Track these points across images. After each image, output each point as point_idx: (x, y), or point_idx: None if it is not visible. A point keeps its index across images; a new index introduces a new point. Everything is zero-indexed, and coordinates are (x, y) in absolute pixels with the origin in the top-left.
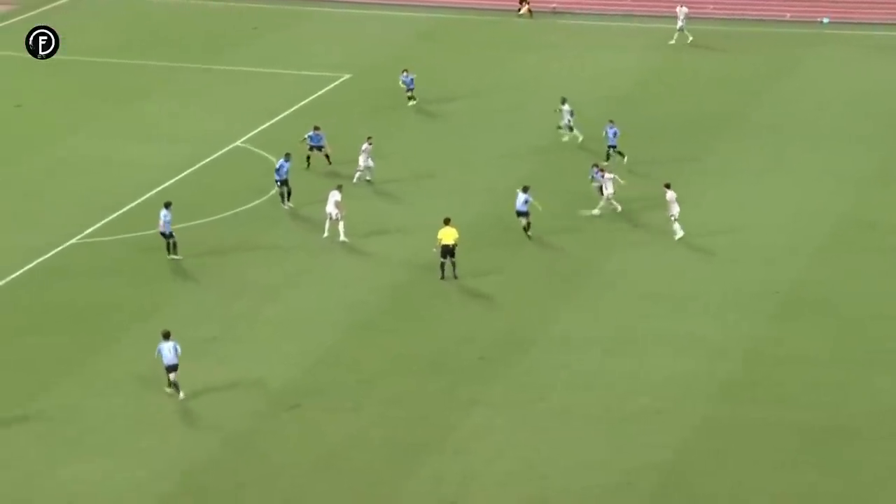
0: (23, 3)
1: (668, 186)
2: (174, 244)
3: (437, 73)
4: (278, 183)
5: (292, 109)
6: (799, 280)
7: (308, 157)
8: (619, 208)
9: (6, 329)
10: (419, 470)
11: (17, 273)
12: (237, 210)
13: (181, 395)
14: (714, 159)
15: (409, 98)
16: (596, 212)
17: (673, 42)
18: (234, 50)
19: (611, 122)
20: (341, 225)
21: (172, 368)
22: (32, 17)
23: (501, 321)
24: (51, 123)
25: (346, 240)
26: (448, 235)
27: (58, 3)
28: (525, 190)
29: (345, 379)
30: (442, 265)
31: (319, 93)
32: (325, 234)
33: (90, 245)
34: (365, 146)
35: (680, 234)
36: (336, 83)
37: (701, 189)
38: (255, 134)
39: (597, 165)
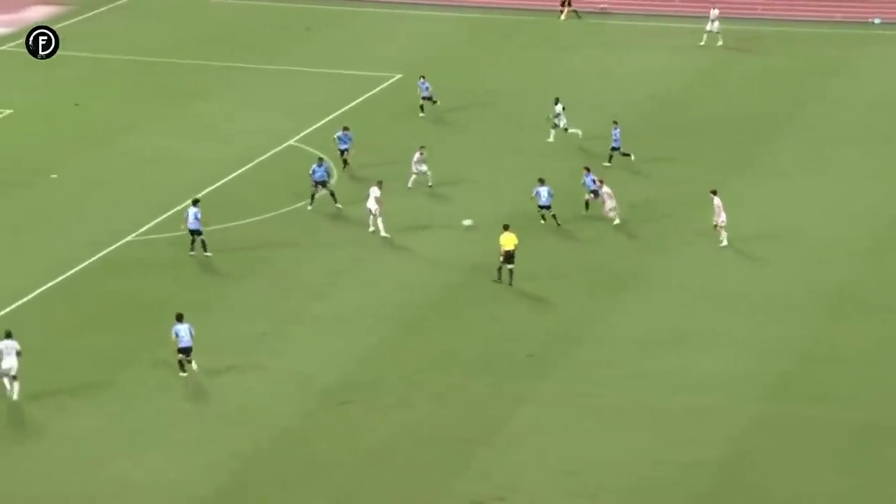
0: (80, 3)
1: (714, 193)
2: (203, 242)
3: (486, 71)
4: (313, 185)
5: (344, 109)
6: (848, 280)
7: (344, 160)
8: (618, 221)
9: (65, 323)
10: (467, 466)
11: (77, 268)
12: (289, 208)
13: (195, 366)
14: (762, 159)
15: (431, 102)
16: (615, 221)
17: (702, 43)
18: (287, 50)
19: (615, 123)
20: (380, 221)
21: (187, 351)
22: (89, 17)
23: (549, 320)
24: (108, 122)
25: (386, 235)
26: (509, 241)
27: (115, 3)
28: (542, 182)
29: (393, 375)
30: (500, 269)
31: (371, 92)
32: (371, 229)
33: (146, 242)
34: (417, 156)
35: (725, 242)
36: (387, 83)
37: (748, 189)
38: (307, 133)
39: (588, 169)
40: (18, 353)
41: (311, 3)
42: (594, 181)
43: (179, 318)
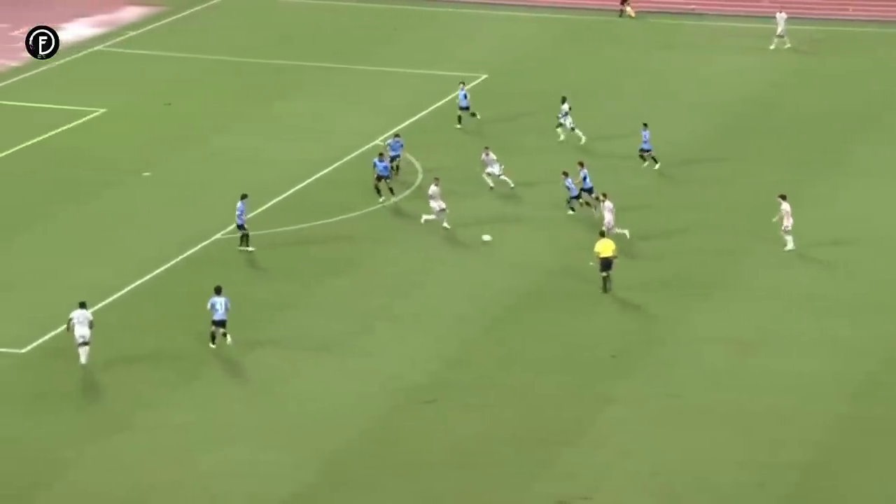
0: (172, 4)
1: (783, 198)
2: (245, 237)
3: (571, 72)
4: (376, 179)
5: (430, 109)
6: None
7: (396, 167)
8: (628, 234)
9: (153, 319)
10: (551, 465)
11: (165, 266)
12: (373, 207)
13: (229, 340)
14: (848, 160)
15: (471, 114)
16: (625, 232)
17: (773, 48)
18: (374, 50)
19: (644, 125)
20: (441, 215)
21: (221, 324)
22: (181, 18)
23: (631, 322)
24: (199, 122)
25: (447, 226)
26: (606, 248)
27: (206, 4)
28: (566, 174)
29: (476, 375)
30: (604, 279)
31: (456, 93)
32: (445, 225)
33: (233, 241)
34: (483, 157)
35: (790, 246)
36: (473, 84)
37: (834, 189)
38: (393, 133)
39: (581, 164)
40: (91, 324)
41: (399, 4)
42: (572, 185)
43: (217, 291)
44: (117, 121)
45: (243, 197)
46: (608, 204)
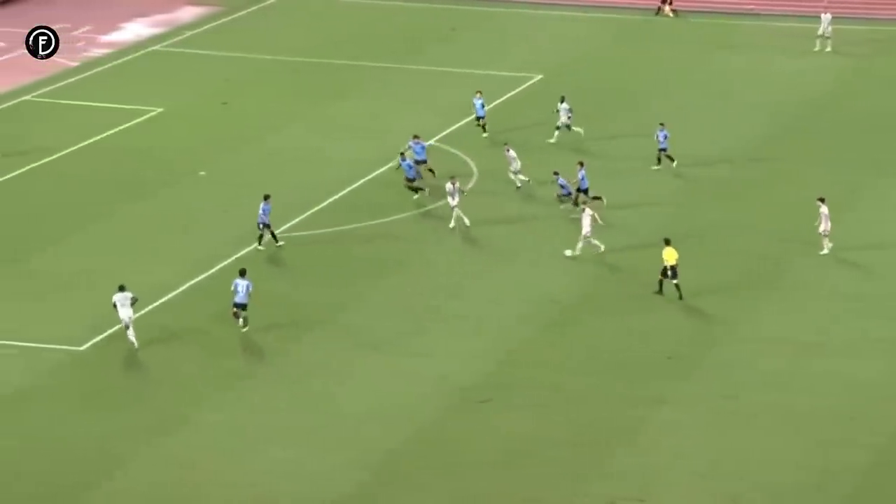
0: (229, 4)
1: (822, 201)
2: (260, 236)
3: (628, 73)
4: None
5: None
6: None
7: (430, 170)
8: (602, 248)
9: (208, 318)
10: (604, 467)
11: (221, 265)
12: (428, 207)
13: (245, 327)
14: None
15: (483, 127)
16: (576, 252)
17: (817, 49)
18: (430, 50)
19: (661, 125)
20: (457, 212)
21: (242, 307)
22: (238, 17)
23: (689, 320)
24: (255, 121)
25: (454, 226)
26: (672, 255)
27: (262, 4)
28: (582, 165)
29: (532, 375)
30: (661, 282)
31: (512, 93)
32: (452, 224)
33: (288, 239)
34: (510, 153)
35: (826, 250)
36: (528, 84)
37: (893, 190)
38: (448, 133)
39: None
40: (133, 300)
41: (455, 4)
42: (565, 184)
43: (241, 273)
44: (174, 120)
45: (266, 198)
46: (588, 211)
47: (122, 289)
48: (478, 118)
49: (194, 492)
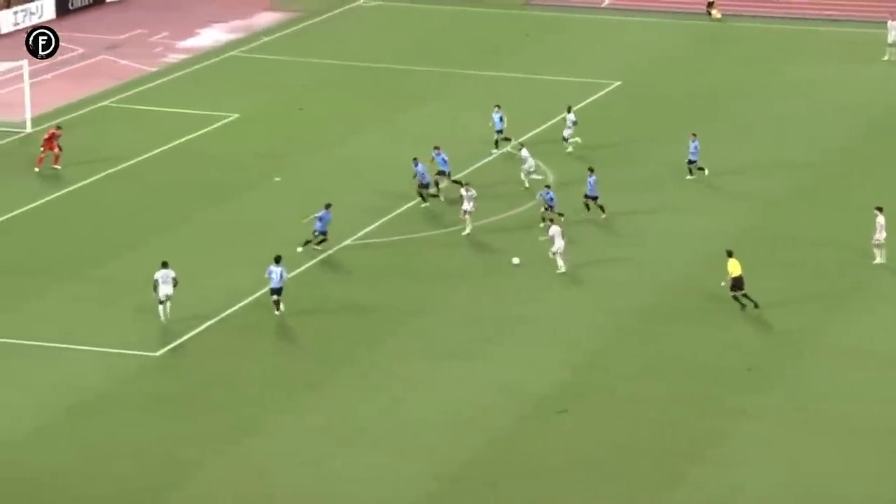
0: (307, 10)
1: (880, 210)
2: (307, 241)
3: (705, 78)
4: (441, 175)
5: (562, 116)
6: None
7: (437, 183)
8: (563, 269)
9: (285, 324)
10: (683, 479)
11: (297, 271)
12: (503, 215)
13: (279, 311)
14: None
15: (504, 139)
16: (561, 269)
17: (886, 58)
18: (506, 56)
19: (693, 135)
20: (469, 218)
21: (277, 292)
22: (316, 23)
23: (768, 330)
24: (331, 127)
25: (469, 233)
26: (736, 267)
27: (339, 10)
28: (592, 171)
29: (609, 384)
30: (742, 297)
31: (589, 99)
32: (467, 231)
33: (364, 246)
34: (523, 152)
35: (879, 259)
36: (606, 90)
37: None
38: (525, 139)
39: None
40: (175, 281)
41: (531, 10)
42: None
43: (277, 261)
44: (250, 126)
45: (327, 206)
46: (556, 228)
47: (164, 265)
48: (497, 132)
49: (266, 499)
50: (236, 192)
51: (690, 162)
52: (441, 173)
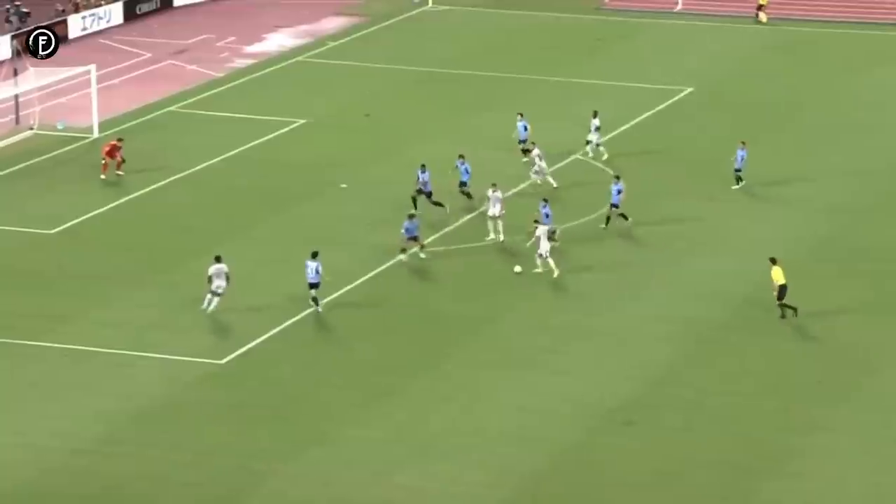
0: (374, 15)
1: None
2: (403, 249)
3: (782, 85)
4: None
5: (633, 123)
6: None
7: (467, 193)
8: (540, 269)
9: (352, 331)
10: (756, 493)
11: (365, 276)
12: (574, 222)
13: (319, 308)
14: None
15: (523, 149)
16: (555, 272)
17: None
18: (576, 61)
19: (742, 143)
20: (500, 223)
21: (314, 286)
22: (382, 28)
23: (840, 343)
24: (398, 133)
25: (504, 239)
26: (779, 275)
27: (406, 15)
28: (618, 178)
29: (679, 396)
30: (783, 306)
31: (660, 106)
32: (490, 237)
33: (433, 254)
34: (534, 153)
35: None
36: (678, 97)
37: None
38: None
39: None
40: (227, 277)
41: (601, 15)
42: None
43: (314, 256)
44: (317, 132)
45: (411, 216)
46: (542, 229)
47: (218, 260)
48: (520, 141)
49: None
50: (302, 198)
51: (737, 171)
52: (462, 184)
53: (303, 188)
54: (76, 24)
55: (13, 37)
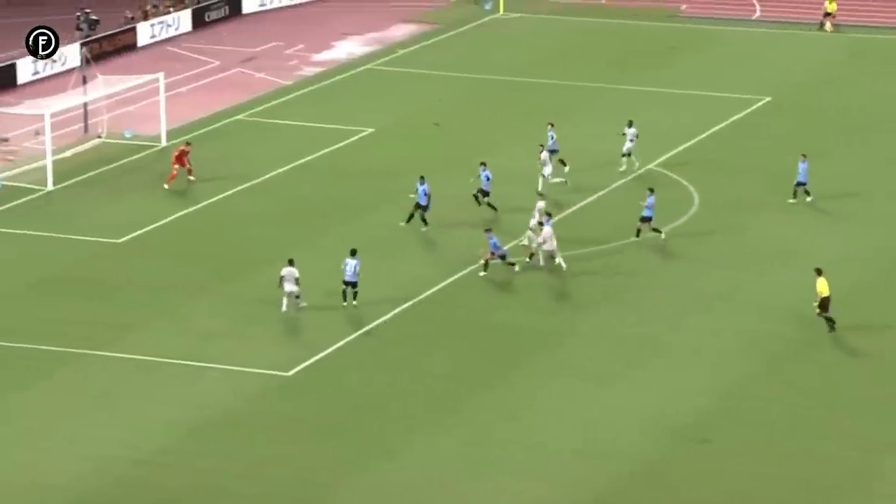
0: (444, 22)
1: None
2: (510, 262)
3: (863, 94)
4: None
5: (708, 132)
6: None
7: (482, 201)
8: (522, 259)
9: (419, 343)
10: None
11: (433, 289)
12: (648, 235)
13: (353, 303)
14: None
15: (559, 161)
16: (563, 266)
17: None
18: (649, 70)
19: (803, 156)
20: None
21: (351, 284)
22: (452, 36)
23: None
24: (466, 142)
25: (526, 243)
26: (824, 286)
27: (476, 22)
28: (652, 191)
29: (752, 412)
30: (826, 318)
31: (737, 116)
32: (524, 242)
33: (503, 265)
34: (543, 156)
35: None
36: (755, 106)
37: None
38: (669, 157)
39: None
40: (297, 280)
41: (676, 22)
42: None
43: (352, 253)
44: (385, 140)
45: (487, 230)
46: (548, 230)
47: (290, 263)
48: (549, 151)
49: None
50: (370, 207)
51: (799, 184)
52: (483, 192)
53: (371, 197)
54: (145, 32)
55: (82, 44)
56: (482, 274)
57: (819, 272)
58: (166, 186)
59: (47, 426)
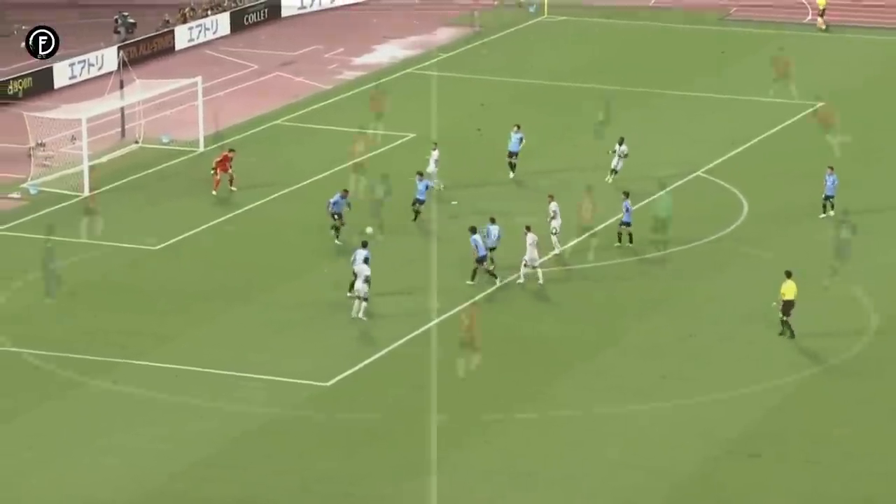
0: (487, 26)
1: None
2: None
3: None
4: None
5: (758, 139)
6: None
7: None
8: (521, 278)
9: (455, 356)
10: None
11: (470, 301)
12: (696, 243)
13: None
14: None
15: (510, 164)
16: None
17: None
18: (698, 75)
19: (830, 168)
20: (557, 238)
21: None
22: (497, 39)
23: None
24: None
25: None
26: (791, 290)
27: (519, 26)
28: (627, 195)
29: (802, 427)
30: (787, 325)
31: (787, 122)
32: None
33: (547, 274)
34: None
35: None
36: (806, 112)
37: None
38: (717, 164)
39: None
40: (367, 280)
41: (725, 26)
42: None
43: (364, 245)
44: (427, 145)
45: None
46: (532, 237)
47: (366, 261)
48: (511, 154)
49: None
50: (412, 214)
51: (827, 197)
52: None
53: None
54: (183, 35)
55: (120, 48)
56: (470, 282)
57: (788, 275)
58: (214, 193)
59: (84, 437)
